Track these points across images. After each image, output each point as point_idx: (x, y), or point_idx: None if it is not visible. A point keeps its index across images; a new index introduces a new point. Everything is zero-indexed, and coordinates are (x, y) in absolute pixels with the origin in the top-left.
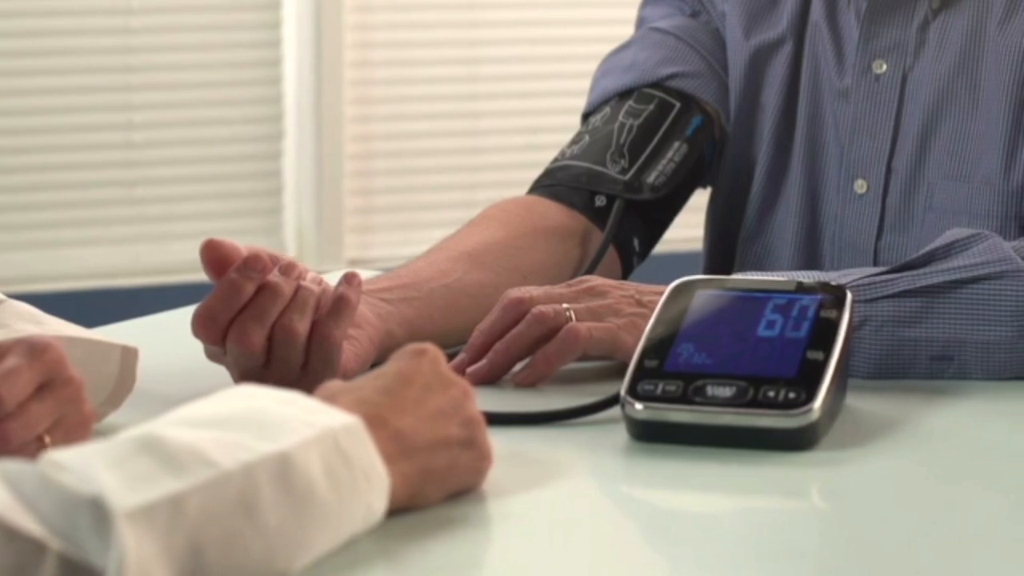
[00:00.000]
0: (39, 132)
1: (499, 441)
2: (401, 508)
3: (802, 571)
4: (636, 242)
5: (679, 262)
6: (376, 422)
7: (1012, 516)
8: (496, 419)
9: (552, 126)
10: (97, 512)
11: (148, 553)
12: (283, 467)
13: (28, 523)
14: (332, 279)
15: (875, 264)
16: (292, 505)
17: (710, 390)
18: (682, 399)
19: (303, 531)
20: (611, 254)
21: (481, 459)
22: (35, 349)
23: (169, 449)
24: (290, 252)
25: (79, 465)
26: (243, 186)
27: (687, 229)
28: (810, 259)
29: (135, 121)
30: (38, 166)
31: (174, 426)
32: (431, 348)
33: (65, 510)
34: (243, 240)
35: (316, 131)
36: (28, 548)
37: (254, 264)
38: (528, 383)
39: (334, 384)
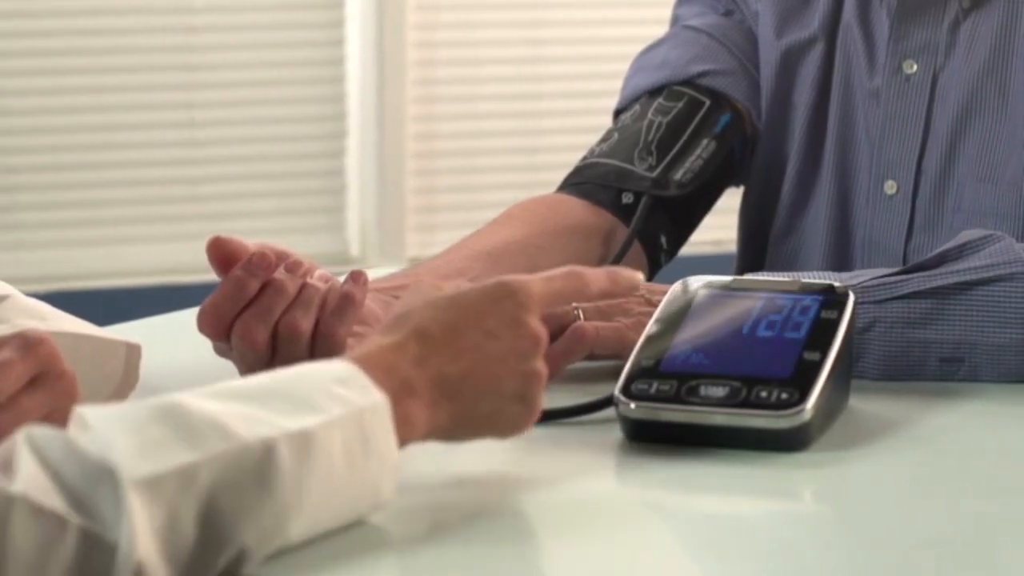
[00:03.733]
0: (101, 130)
1: (490, 440)
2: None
3: (792, 572)
4: (663, 239)
5: (715, 263)
6: (422, 364)
7: (1001, 518)
8: None
9: None
10: (112, 480)
11: (157, 524)
12: (305, 446)
13: (52, 499)
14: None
15: (904, 266)
16: (308, 482)
17: (703, 390)
18: (675, 399)
19: (315, 508)
20: (638, 252)
21: (527, 413)
22: (28, 343)
23: (190, 419)
24: (353, 250)
25: (100, 427)
26: (306, 184)
27: (725, 231)
28: (840, 260)
29: (197, 119)
30: (101, 164)
31: (203, 398)
32: (520, 286)
33: (87, 476)
34: (307, 239)
35: (379, 130)
36: (52, 524)
37: (259, 262)
38: None
39: (395, 318)
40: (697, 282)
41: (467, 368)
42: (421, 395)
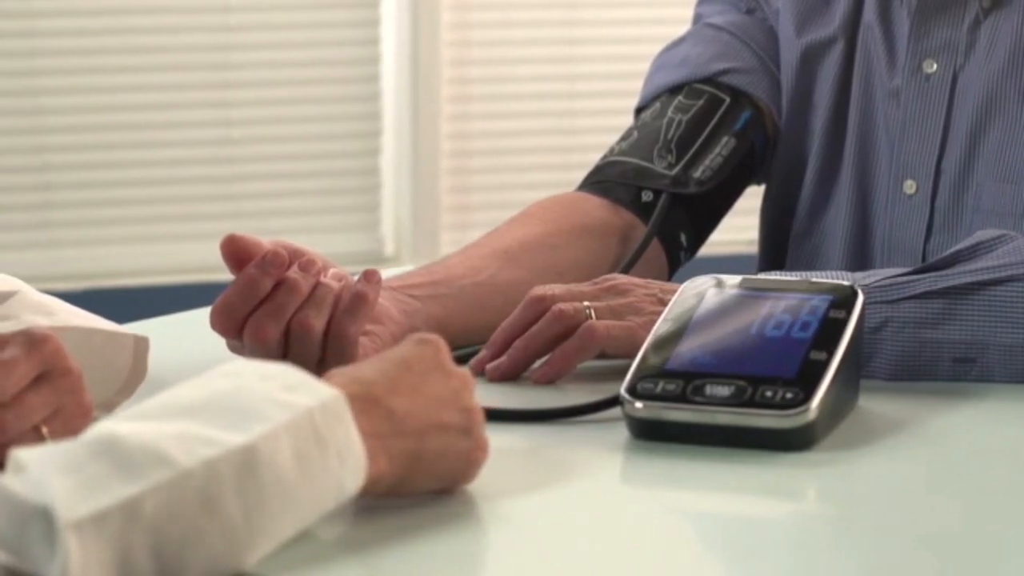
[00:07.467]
0: (136, 128)
1: (499, 438)
2: (390, 493)
3: (796, 571)
4: (683, 237)
5: (750, 263)
6: (368, 400)
7: (1009, 519)
8: (496, 416)
9: None
10: (46, 522)
11: (97, 561)
12: (248, 460)
13: None
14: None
15: None
16: (257, 497)
17: (709, 389)
18: (681, 398)
19: (268, 520)
20: (658, 250)
21: (476, 449)
22: (33, 340)
23: (126, 450)
24: (387, 249)
25: (35, 469)
26: (341, 183)
27: (750, 232)
28: (860, 259)
29: (233, 118)
30: (135, 162)
31: (141, 420)
32: (435, 338)
33: (17, 520)
34: (341, 238)
35: (413, 129)
36: None
37: (273, 260)
38: (546, 380)
39: (335, 370)
40: (707, 282)
41: (408, 405)
42: (375, 432)
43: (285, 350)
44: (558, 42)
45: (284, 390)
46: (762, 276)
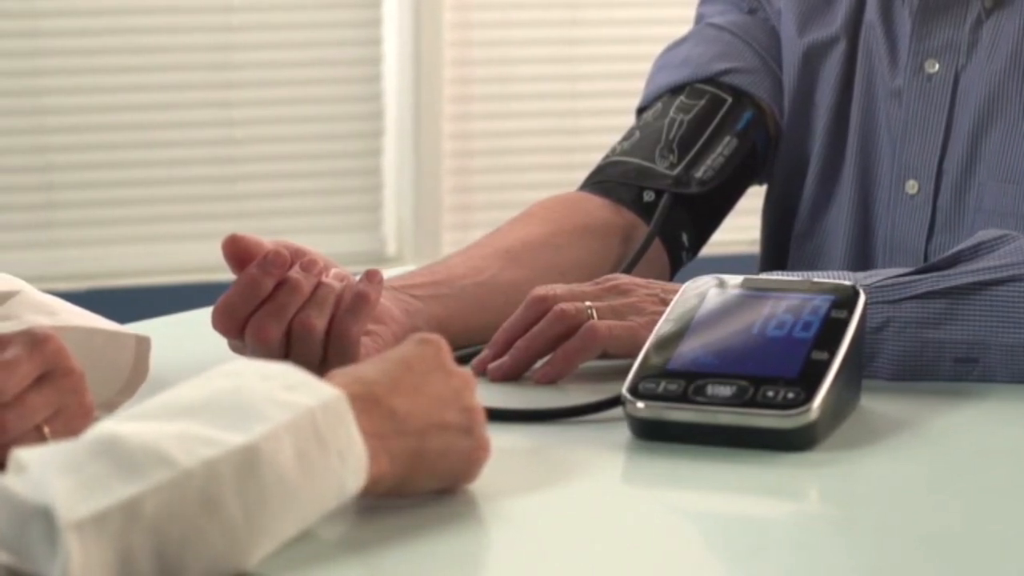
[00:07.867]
0: (138, 128)
1: (501, 438)
2: (391, 493)
3: (798, 571)
4: (685, 237)
5: (740, 263)
6: (369, 400)
7: (1011, 519)
8: (497, 415)
9: None
10: (47, 522)
11: (98, 561)
12: (249, 460)
13: None
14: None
15: None
16: (258, 496)
17: (710, 389)
18: (682, 398)
19: (269, 520)
20: (660, 250)
21: (478, 449)
22: (35, 340)
23: (127, 450)
24: (389, 249)
25: (36, 469)
26: (343, 183)
27: (752, 232)
28: (862, 259)
29: (235, 118)
30: (137, 162)
31: (142, 420)
32: (436, 337)
33: (18, 520)
34: (343, 237)
35: (415, 129)
36: None
37: (274, 260)
38: (547, 380)
39: (336, 370)
40: (708, 282)
41: (410, 405)
42: (376, 432)
43: (287, 350)
44: (559, 42)
45: (285, 390)
46: (764, 276)
